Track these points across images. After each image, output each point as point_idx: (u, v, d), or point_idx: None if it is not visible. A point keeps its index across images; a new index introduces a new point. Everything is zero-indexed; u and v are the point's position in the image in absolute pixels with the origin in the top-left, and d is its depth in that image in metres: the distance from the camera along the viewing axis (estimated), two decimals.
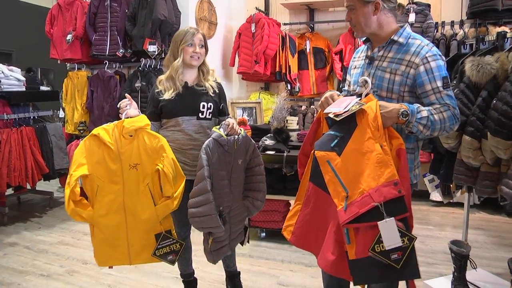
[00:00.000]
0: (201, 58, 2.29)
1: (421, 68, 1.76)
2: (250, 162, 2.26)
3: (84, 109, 4.70)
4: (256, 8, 5.08)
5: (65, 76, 4.90)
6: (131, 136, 2.07)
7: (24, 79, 4.33)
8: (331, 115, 1.79)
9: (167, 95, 2.25)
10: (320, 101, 1.92)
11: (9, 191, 4.49)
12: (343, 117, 1.74)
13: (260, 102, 4.15)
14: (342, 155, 1.74)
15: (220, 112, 2.39)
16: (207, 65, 2.36)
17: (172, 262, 2.16)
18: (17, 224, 4.18)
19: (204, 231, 2.12)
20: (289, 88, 5.01)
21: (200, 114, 2.28)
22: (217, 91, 2.36)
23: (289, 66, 4.92)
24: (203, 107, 2.28)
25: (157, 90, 2.31)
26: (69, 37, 4.52)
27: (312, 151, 1.94)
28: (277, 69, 4.92)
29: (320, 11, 5.14)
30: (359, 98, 1.80)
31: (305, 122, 4.77)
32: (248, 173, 2.28)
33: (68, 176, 2.01)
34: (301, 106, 5.00)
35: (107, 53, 4.43)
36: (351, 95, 1.93)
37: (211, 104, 2.30)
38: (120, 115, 2.13)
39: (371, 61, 1.91)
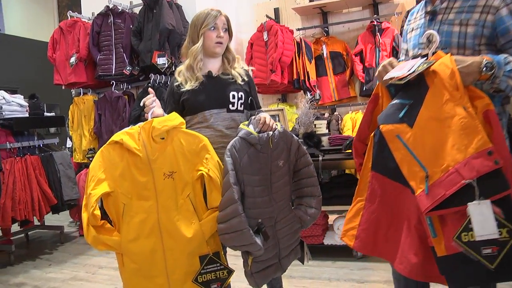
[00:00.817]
0: (224, 44, 1.97)
1: (503, 11, 1.41)
2: (296, 163, 1.89)
3: (92, 134, 4.41)
4: (267, 16, 4.83)
5: (70, 104, 4.63)
6: (163, 138, 1.72)
7: (27, 104, 4.05)
8: (394, 81, 1.45)
9: (188, 86, 1.92)
10: (377, 72, 1.59)
11: (16, 228, 4.14)
12: (409, 79, 1.40)
13: (283, 109, 3.81)
14: (415, 126, 1.39)
15: (251, 105, 2.04)
16: (232, 52, 2.03)
17: None
18: (25, 263, 3.78)
19: (239, 250, 1.74)
20: (309, 96, 4.67)
21: (230, 106, 1.93)
22: (246, 79, 2.03)
23: (307, 73, 4.60)
24: (233, 97, 1.94)
25: (176, 83, 1.98)
26: (72, 59, 4.27)
27: (371, 135, 1.61)
28: (295, 76, 4.61)
29: (333, 13, 4.86)
30: (425, 58, 1.46)
31: (330, 129, 4.41)
32: (296, 177, 1.91)
33: (85, 197, 1.66)
34: (323, 114, 4.65)
35: (113, 72, 4.16)
36: (414, 58, 1.58)
37: (241, 93, 1.96)
38: (145, 114, 1.79)
39: (433, 16, 1.58)
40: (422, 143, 1.36)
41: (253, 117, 1.81)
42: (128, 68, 4.07)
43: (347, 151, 3.01)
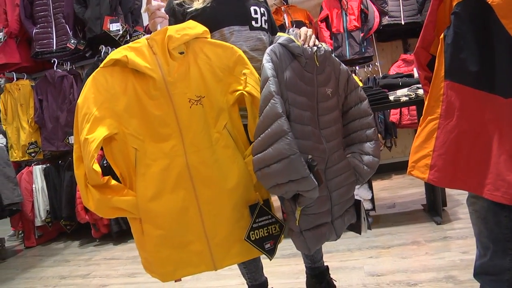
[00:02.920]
0: None
1: None
2: (346, 100, 1.49)
3: (33, 125, 3.71)
4: None
5: (0, 93, 3.88)
6: (182, 53, 1.25)
7: None
8: None
9: (198, 4, 1.46)
10: None
11: None
12: None
13: None
14: None
15: (273, 30, 1.63)
16: None
17: (270, 254, 1.32)
18: None
19: (283, 193, 1.27)
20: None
21: (253, 23, 1.51)
22: None
23: None
24: (255, 12, 1.52)
25: (176, 2, 1.51)
26: None
27: (441, 37, 1.30)
28: None
29: None
30: None
31: None
32: (347, 119, 1.51)
33: (76, 147, 1.18)
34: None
35: (54, 47, 3.51)
36: None
37: (263, 9, 1.55)
38: (151, 20, 1.31)
39: None
40: None
41: (291, 29, 1.39)
42: (72, 42, 3.44)
43: None
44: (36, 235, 3.80)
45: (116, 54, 1.20)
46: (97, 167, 1.14)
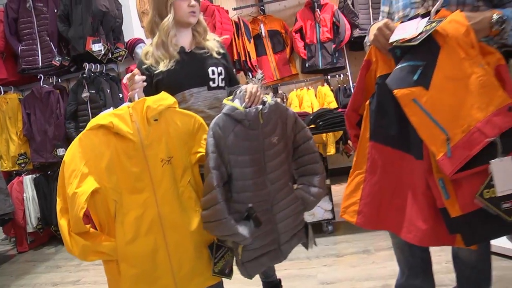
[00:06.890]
0: (197, 13, 1.79)
1: None
2: (295, 138, 1.73)
3: (22, 137, 3.94)
4: None
5: None
6: (156, 120, 1.52)
7: None
8: (402, 43, 1.39)
9: (163, 66, 1.72)
10: (370, 35, 1.52)
11: None
12: (420, 40, 1.34)
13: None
14: (431, 88, 1.34)
15: (231, 81, 1.89)
16: (202, 22, 1.84)
17: (230, 276, 1.63)
18: None
19: (226, 239, 1.61)
20: (250, 76, 4.57)
21: (211, 83, 1.77)
22: (221, 51, 1.86)
23: (248, 53, 4.50)
24: (213, 73, 1.77)
25: (144, 66, 1.76)
26: None
27: (367, 103, 1.56)
28: (236, 57, 4.48)
29: None
30: (428, 18, 1.42)
31: None
32: (297, 154, 1.76)
33: (60, 199, 1.41)
34: (267, 93, 4.58)
35: (40, 64, 3.72)
36: (410, 19, 1.53)
37: (221, 68, 1.80)
38: (130, 93, 1.57)
39: None
40: (440, 105, 1.31)
41: (238, 90, 1.63)
42: (57, 59, 3.65)
43: (310, 126, 2.98)
44: (28, 240, 4.05)
45: (102, 119, 1.44)
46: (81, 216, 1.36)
